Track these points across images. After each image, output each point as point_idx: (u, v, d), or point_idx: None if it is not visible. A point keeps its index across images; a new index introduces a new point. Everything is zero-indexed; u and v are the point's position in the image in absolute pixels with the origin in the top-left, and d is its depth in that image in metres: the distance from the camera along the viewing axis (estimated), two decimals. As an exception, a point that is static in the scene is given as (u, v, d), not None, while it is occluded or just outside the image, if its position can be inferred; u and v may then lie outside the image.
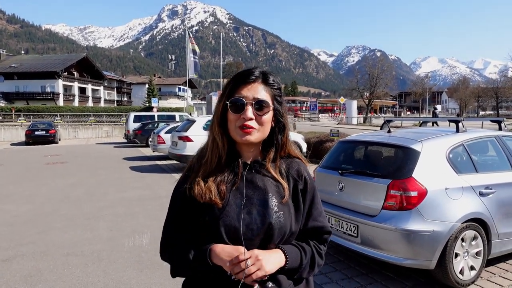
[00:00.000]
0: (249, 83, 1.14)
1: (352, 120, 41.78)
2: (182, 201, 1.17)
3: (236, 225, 1.10)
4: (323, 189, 4.21)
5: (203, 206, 1.12)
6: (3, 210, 6.71)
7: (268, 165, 1.18)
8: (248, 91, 1.13)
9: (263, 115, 1.13)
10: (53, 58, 61.21)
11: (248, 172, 1.17)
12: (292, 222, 1.16)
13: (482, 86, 66.85)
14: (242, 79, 1.15)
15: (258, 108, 1.12)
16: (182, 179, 1.22)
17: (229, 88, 1.16)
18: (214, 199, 1.11)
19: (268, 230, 1.11)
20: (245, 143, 1.15)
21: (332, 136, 11.45)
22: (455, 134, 3.87)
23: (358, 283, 3.53)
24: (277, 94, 1.18)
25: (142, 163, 13.21)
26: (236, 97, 1.13)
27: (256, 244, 1.11)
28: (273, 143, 1.20)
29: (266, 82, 1.16)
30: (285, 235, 1.14)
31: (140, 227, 5.44)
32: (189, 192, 1.15)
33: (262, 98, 1.13)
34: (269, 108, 1.14)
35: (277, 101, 1.18)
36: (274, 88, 1.18)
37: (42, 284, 3.67)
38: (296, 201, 1.20)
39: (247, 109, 1.11)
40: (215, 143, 1.17)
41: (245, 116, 1.11)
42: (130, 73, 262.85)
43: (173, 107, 43.97)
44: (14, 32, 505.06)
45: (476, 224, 3.42)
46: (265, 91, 1.15)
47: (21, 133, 25.91)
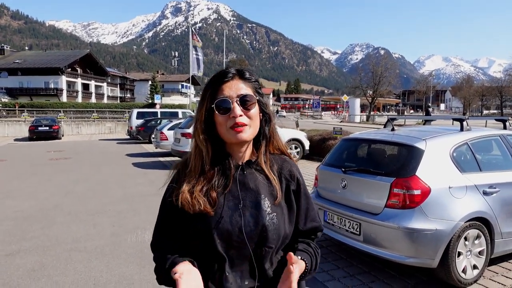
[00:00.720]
0: (228, 82, 1.13)
1: (355, 118, 41.70)
2: (170, 211, 1.15)
3: (229, 229, 1.09)
4: (326, 187, 4.20)
5: (194, 215, 1.10)
6: (7, 205, 6.75)
7: (263, 162, 1.17)
8: (230, 90, 1.12)
9: (250, 110, 1.12)
10: (56, 54, 61.35)
11: (240, 173, 1.15)
12: (286, 223, 1.15)
13: (487, 85, 66.55)
14: (220, 80, 1.14)
15: (244, 104, 1.11)
16: (168, 190, 1.19)
17: (210, 91, 1.14)
18: (204, 209, 1.09)
19: (262, 232, 1.10)
20: (239, 143, 1.13)
21: (335, 134, 11.43)
22: (459, 132, 3.85)
23: (360, 281, 3.53)
24: (257, 87, 1.17)
25: (145, 159, 13.23)
26: (220, 98, 1.11)
27: (251, 247, 1.10)
28: (262, 136, 1.19)
29: (243, 77, 1.15)
30: (280, 237, 1.13)
31: (142, 223, 5.46)
32: (176, 203, 1.12)
33: (245, 93, 1.12)
34: (254, 101, 1.13)
35: (259, 93, 1.17)
36: (252, 81, 1.16)
37: (45, 279, 3.69)
38: (289, 201, 1.19)
39: (235, 107, 1.09)
40: (198, 150, 1.15)
41: (235, 114, 1.09)
42: (133, 70, 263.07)
43: (176, 104, 43.97)
44: (18, 28, 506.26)
45: (479, 223, 3.40)
46: (246, 86, 1.14)
47: (25, 128, 26.01)
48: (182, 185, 1.13)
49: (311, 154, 12.00)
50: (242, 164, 1.17)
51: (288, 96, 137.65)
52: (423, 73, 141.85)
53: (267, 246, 1.11)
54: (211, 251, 1.10)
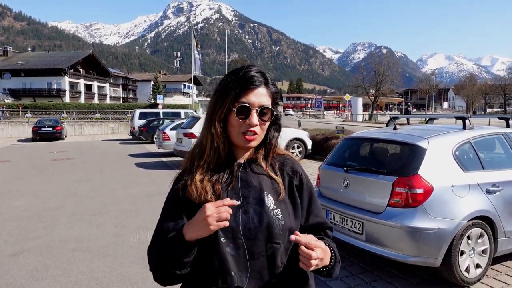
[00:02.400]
0: (254, 89, 1.13)
1: (357, 117, 41.62)
2: (176, 204, 1.14)
3: (233, 226, 1.08)
4: (328, 186, 4.20)
5: (198, 207, 1.07)
6: (10, 205, 6.78)
7: (262, 162, 1.18)
8: (254, 97, 1.12)
9: (266, 121, 1.14)
10: (59, 55, 61.64)
11: (242, 171, 1.16)
12: (291, 218, 1.15)
13: (490, 83, 66.21)
14: (247, 84, 1.12)
15: (263, 114, 1.12)
16: (177, 181, 1.19)
17: (235, 93, 1.13)
18: (210, 200, 1.08)
19: (267, 228, 1.09)
20: (246, 148, 1.16)
21: (337, 133, 11.42)
22: (462, 131, 3.83)
23: (362, 280, 3.52)
24: (276, 97, 1.18)
25: (148, 159, 13.26)
26: (243, 104, 1.11)
27: (257, 244, 1.09)
28: (265, 142, 1.19)
29: (267, 85, 1.15)
30: (287, 232, 1.12)
31: (145, 223, 5.47)
32: (183, 193, 1.12)
33: (266, 105, 1.13)
34: (271, 113, 1.14)
35: (276, 103, 1.18)
36: (273, 91, 1.17)
37: (48, 279, 3.70)
38: (292, 197, 1.19)
39: (253, 116, 1.11)
40: (215, 145, 1.14)
41: (251, 123, 1.10)
42: (136, 70, 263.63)
43: (179, 104, 44.01)
44: (21, 29, 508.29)
45: (483, 222, 3.39)
46: (268, 96, 1.14)
47: (28, 129, 26.09)
48: (194, 174, 1.14)
49: (314, 154, 12.00)
50: (245, 162, 1.18)
51: (290, 95, 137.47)
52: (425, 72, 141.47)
53: (275, 243, 1.10)
54: (214, 250, 1.07)
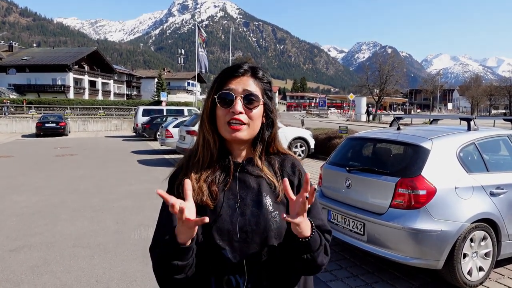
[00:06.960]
0: (238, 76, 1.09)
1: (361, 117, 41.47)
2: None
3: (229, 228, 1.05)
4: (329, 186, 4.17)
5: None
6: (13, 201, 6.80)
7: (259, 162, 1.13)
8: (237, 84, 1.08)
9: (253, 109, 1.07)
10: (64, 51, 61.74)
11: (240, 171, 1.12)
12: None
13: (495, 85, 65.83)
14: (230, 72, 1.10)
15: (248, 101, 1.07)
16: (172, 178, 1.16)
17: (217, 82, 1.10)
18: (206, 200, 1.06)
19: (264, 231, 1.06)
20: (235, 141, 1.10)
21: (340, 132, 11.36)
22: (466, 132, 3.79)
23: (363, 282, 3.50)
24: (267, 88, 1.13)
25: (150, 156, 13.28)
26: (224, 91, 1.07)
27: (254, 247, 1.05)
28: (261, 139, 1.14)
29: (256, 75, 1.11)
30: (283, 235, 1.08)
31: (146, 220, 5.46)
32: (178, 192, 1.08)
33: (252, 91, 1.08)
34: (259, 102, 1.09)
35: (267, 96, 1.13)
36: (264, 82, 1.12)
37: (48, 275, 3.70)
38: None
39: (236, 103, 1.06)
40: (206, 140, 1.11)
41: (234, 110, 1.05)
42: (140, 67, 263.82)
43: (182, 102, 44.06)
44: (27, 25, 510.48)
45: (486, 224, 3.35)
46: (255, 85, 1.10)
47: (32, 125, 26.21)
48: (189, 174, 1.10)
49: (316, 153, 11.95)
50: (243, 162, 1.13)
51: (294, 94, 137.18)
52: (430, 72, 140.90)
53: (272, 245, 1.06)
54: (210, 253, 1.05)
